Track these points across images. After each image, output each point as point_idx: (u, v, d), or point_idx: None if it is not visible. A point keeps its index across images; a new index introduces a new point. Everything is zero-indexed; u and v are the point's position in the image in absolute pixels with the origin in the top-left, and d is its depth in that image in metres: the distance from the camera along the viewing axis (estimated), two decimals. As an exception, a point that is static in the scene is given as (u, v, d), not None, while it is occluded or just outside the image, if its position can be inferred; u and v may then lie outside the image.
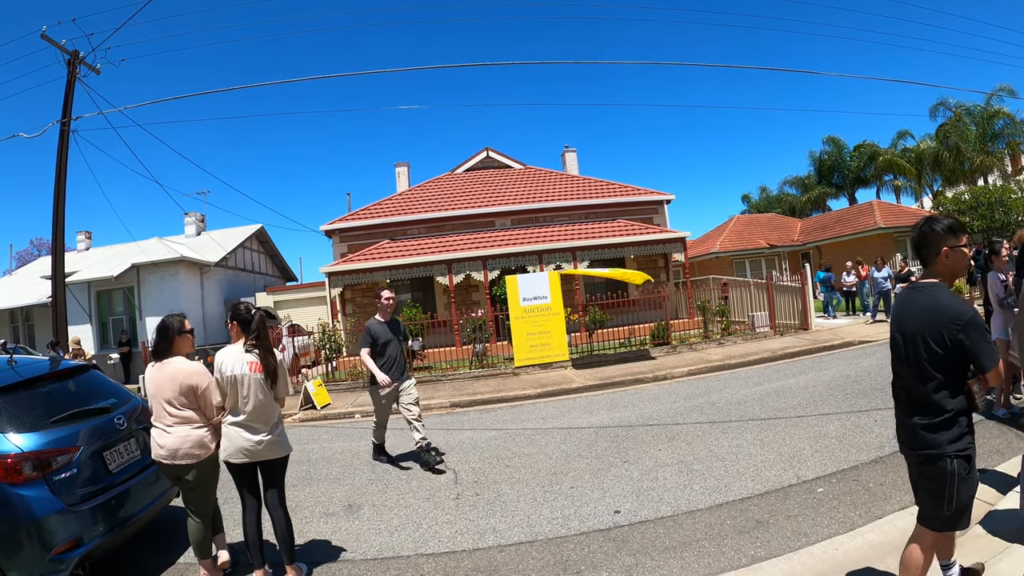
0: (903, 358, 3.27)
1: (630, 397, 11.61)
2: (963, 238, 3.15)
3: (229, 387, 4.62)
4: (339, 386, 15.90)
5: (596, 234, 22.43)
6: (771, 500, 5.62)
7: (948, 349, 3.01)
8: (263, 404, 4.65)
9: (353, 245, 23.58)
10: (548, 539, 5.29)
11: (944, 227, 3.16)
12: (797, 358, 14.31)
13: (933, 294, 3.13)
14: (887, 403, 8.48)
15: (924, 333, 3.10)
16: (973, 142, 36.50)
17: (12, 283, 30.93)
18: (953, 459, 3.05)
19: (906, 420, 3.29)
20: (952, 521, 3.15)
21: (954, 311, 3.00)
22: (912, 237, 3.37)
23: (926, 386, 3.11)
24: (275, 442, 4.72)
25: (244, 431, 4.62)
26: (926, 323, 3.10)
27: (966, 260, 3.20)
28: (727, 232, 37.71)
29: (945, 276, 3.20)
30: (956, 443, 3.05)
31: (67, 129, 17.88)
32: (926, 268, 3.27)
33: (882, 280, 19.31)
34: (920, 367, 3.13)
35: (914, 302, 3.25)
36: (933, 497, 3.17)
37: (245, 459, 4.64)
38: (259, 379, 4.63)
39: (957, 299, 3.09)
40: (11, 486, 4.23)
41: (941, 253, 3.14)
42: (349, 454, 9.11)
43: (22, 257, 51.62)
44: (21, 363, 5.40)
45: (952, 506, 3.08)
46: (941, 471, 3.08)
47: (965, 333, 2.94)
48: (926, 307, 3.13)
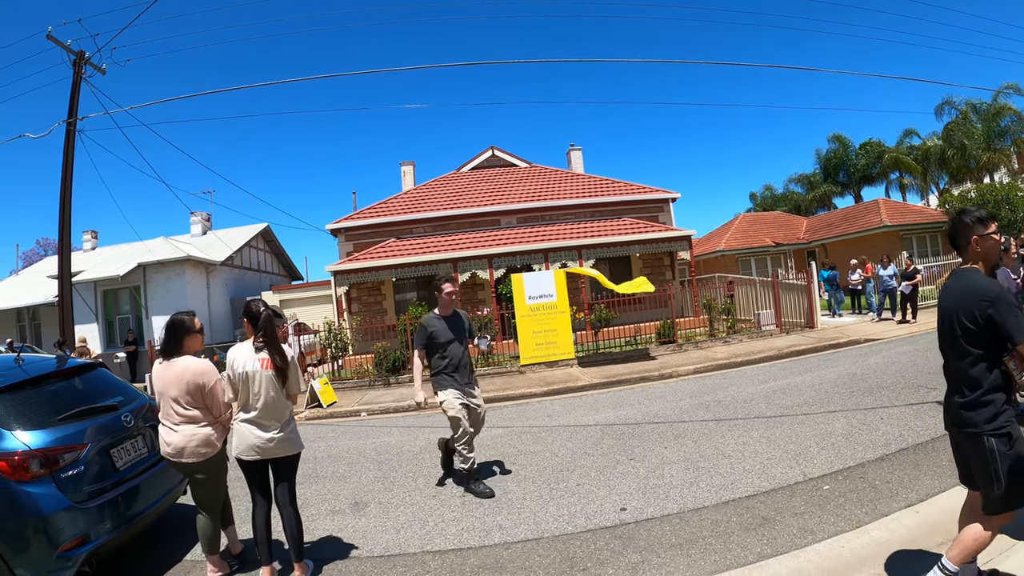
0: (942, 340, 3.51)
1: (636, 395, 11.60)
2: (991, 226, 3.39)
3: (240, 383, 4.63)
4: (345, 384, 15.96)
5: (602, 232, 22.41)
6: (777, 498, 5.61)
7: (980, 325, 3.20)
8: (274, 401, 4.66)
9: (359, 244, 23.61)
10: (554, 536, 5.28)
11: (973, 218, 3.40)
12: (803, 356, 14.28)
13: (965, 277, 3.37)
14: (893, 401, 8.51)
15: (958, 311, 3.31)
16: (979, 139, 36.34)
17: (19, 283, 30.99)
18: (991, 437, 3.18)
19: (950, 398, 3.47)
20: (1006, 501, 3.22)
21: (983, 289, 3.21)
22: (947, 229, 3.66)
23: (963, 361, 3.31)
24: (287, 439, 4.73)
25: (255, 428, 4.63)
26: (959, 302, 3.32)
27: (996, 247, 3.42)
28: (732, 230, 37.60)
29: (979, 262, 3.41)
30: (993, 422, 3.19)
31: (73, 129, 17.92)
32: (962, 257, 3.49)
33: (887, 278, 19.27)
34: (956, 344, 3.35)
35: (950, 286, 3.48)
36: (984, 478, 3.27)
37: (256, 456, 4.65)
38: (270, 375, 4.64)
39: (986, 279, 3.31)
40: (18, 483, 4.24)
41: (972, 242, 3.38)
42: (355, 452, 9.13)
43: (28, 257, 51.72)
44: (28, 361, 5.41)
45: (1001, 485, 3.17)
46: (982, 450, 3.22)
47: (994, 308, 3.13)
48: (959, 288, 3.37)
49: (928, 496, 5.20)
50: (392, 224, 23.91)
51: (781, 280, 19.64)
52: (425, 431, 10.13)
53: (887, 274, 19.31)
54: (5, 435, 4.39)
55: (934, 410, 7.80)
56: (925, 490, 5.34)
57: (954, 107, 38.33)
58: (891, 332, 16.44)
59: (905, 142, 43.41)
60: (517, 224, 24.12)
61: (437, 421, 10.32)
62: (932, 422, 7.31)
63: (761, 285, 20.57)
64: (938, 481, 5.50)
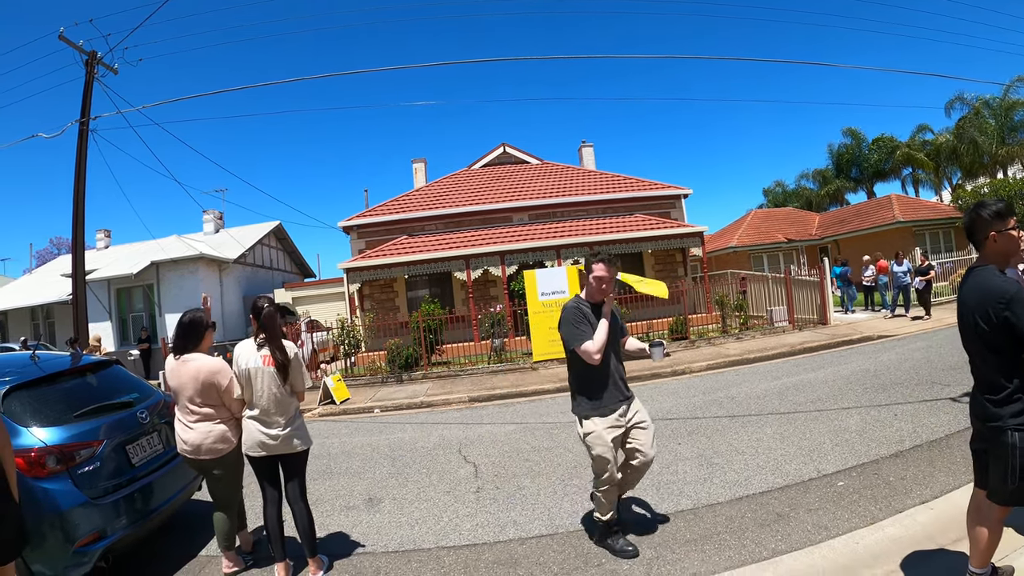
0: (967, 338, 3.40)
1: (649, 391, 11.57)
2: (1010, 221, 3.26)
3: (244, 380, 4.67)
4: (358, 381, 16.01)
5: (614, 229, 22.39)
6: (791, 494, 5.59)
7: (996, 327, 3.11)
8: (277, 398, 4.67)
9: (371, 241, 23.65)
10: (569, 532, 5.29)
11: (991, 212, 3.27)
12: (816, 353, 14.23)
13: (981, 276, 3.26)
14: (907, 397, 8.47)
15: (975, 313, 3.22)
16: (992, 135, 35.99)
17: (33, 281, 31.24)
18: (1014, 432, 3.12)
19: (977, 395, 3.38)
20: (1017, 495, 3.19)
21: (999, 290, 3.11)
22: (963, 223, 3.50)
23: (986, 364, 3.24)
24: (293, 436, 4.73)
25: (260, 424, 4.65)
26: (976, 303, 3.22)
27: (1015, 242, 3.30)
28: (744, 226, 37.47)
29: (997, 258, 3.31)
30: (1018, 417, 3.12)
31: (86, 129, 18.01)
32: (979, 253, 3.42)
33: (901, 274, 19.13)
34: (978, 347, 3.27)
35: (967, 285, 3.38)
36: (998, 470, 3.22)
37: (262, 452, 4.67)
38: (272, 372, 4.65)
39: (1002, 278, 3.18)
40: (35, 479, 4.26)
41: (989, 237, 3.26)
42: (369, 448, 9.15)
43: (42, 256, 51.96)
44: (43, 359, 5.45)
45: (1015, 479, 3.13)
46: (1003, 444, 3.16)
47: (1010, 310, 3.03)
48: (975, 288, 3.27)
49: (943, 493, 5.16)
50: (404, 221, 23.94)
51: (794, 276, 19.57)
52: (438, 427, 10.16)
53: (900, 270, 19.16)
54: (22, 432, 4.41)
55: (948, 407, 7.76)
56: (940, 487, 5.31)
57: (966, 103, 37.98)
58: (904, 328, 16.35)
59: (918, 137, 43.16)
60: (529, 221, 24.11)
61: (450, 417, 10.37)
62: (947, 419, 7.27)
63: (773, 281, 20.51)
64: (952, 478, 5.46)
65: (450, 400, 12.59)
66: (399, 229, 23.81)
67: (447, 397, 12.75)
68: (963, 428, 5.68)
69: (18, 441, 4.34)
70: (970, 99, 37.77)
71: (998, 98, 36.69)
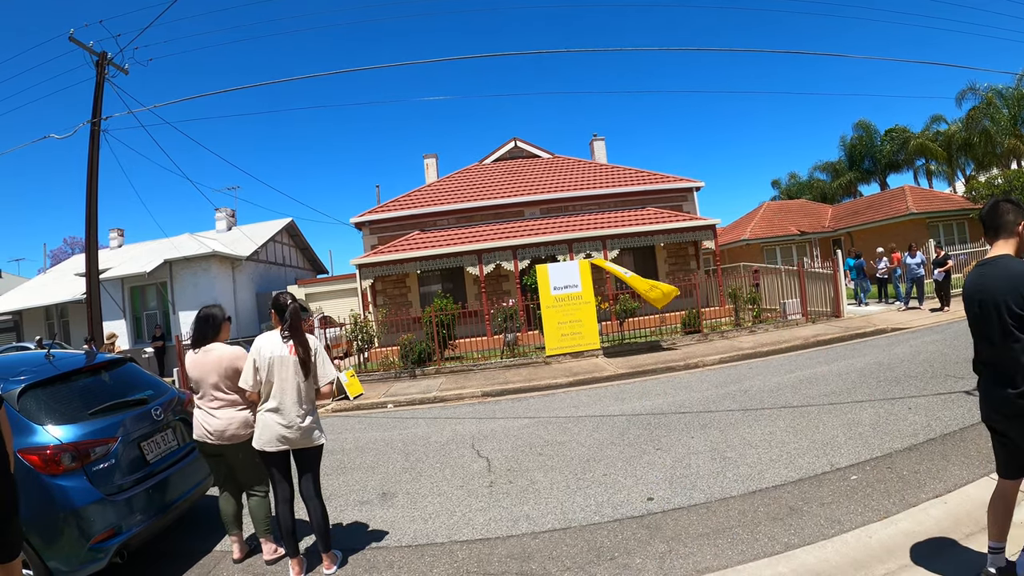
0: (984, 331, 3.37)
1: (662, 385, 11.57)
2: None
3: (267, 369, 4.68)
4: (371, 376, 16.04)
5: (626, 222, 22.30)
6: (804, 487, 5.57)
7: None
8: (300, 389, 4.71)
9: (383, 237, 23.65)
10: (582, 526, 5.29)
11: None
12: (829, 346, 14.16)
13: (1006, 264, 3.26)
14: (921, 390, 8.42)
15: (1007, 299, 3.18)
16: (1005, 125, 35.51)
17: (47, 281, 31.48)
18: None
19: (1000, 392, 3.30)
20: None
21: None
22: (981, 215, 3.52)
23: (1014, 349, 3.18)
24: (311, 429, 4.76)
25: (278, 417, 4.67)
26: (1007, 289, 3.19)
27: None
28: (757, 219, 37.34)
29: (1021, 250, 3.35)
30: None
31: (97, 129, 18.15)
32: (994, 243, 3.42)
33: (915, 267, 19.01)
34: (1005, 332, 3.21)
35: (988, 275, 3.34)
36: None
37: (280, 446, 4.68)
38: (296, 362, 4.71)
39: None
40: (51, 477, 4.30)
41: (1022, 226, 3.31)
42: (382, 443, 9.18)
43: (56, 255, 52.38)
44: (58, 357, 5.50)
45: None
46: None
47: None
48: (1003, 275, 3.24)
49: (956, 487, 5.12)
50: (416, 216, 23.92)
51: (807, 269, 19.47)
52: (452, 422, 10.18)
53: (914, 262, 19.02)
54: (37, 430, 4.46)
55: (962, 400, 7.72)
56: (953, 480, 5.27)
57: (977, 93, 37.39)
58: (918, 321, 16.25)
59: (932, 128, 42.78)
60: (541, 215, 24.05)
61: (463, 412, 10.38)
62: (960, 412, 7.23)
63: (787, 274, 20.42)
64: (966, 471, 5.43)
65: (463, 395, 12.62)
66: (411, 224, 23.79)
67: (460, 392, 12.78)
68: (977, 422, 5.64)
69: (33, 439, 4.39)
70: (982, 89, 37.21)
71: (1011, 88, 36.14)
